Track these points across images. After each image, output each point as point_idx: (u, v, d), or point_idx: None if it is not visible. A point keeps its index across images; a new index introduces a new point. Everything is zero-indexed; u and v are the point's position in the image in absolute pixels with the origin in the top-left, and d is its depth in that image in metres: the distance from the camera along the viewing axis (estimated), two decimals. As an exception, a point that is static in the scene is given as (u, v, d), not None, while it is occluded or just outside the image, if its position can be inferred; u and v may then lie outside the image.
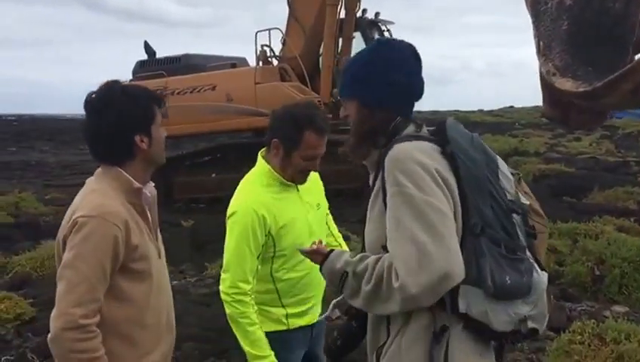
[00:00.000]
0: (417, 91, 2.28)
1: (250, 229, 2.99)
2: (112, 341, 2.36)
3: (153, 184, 2.60)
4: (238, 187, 3.18)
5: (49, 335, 2.28)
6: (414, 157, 2.06)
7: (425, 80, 2.32)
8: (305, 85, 12.71)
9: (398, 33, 14.05)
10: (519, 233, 2.13)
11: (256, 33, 13.21)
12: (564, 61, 4.31)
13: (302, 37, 13.05)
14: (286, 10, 13.28)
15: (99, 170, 2.52)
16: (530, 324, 2.07)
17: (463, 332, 2.04)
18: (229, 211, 3.06)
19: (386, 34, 13.83)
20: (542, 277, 2.13)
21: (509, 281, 2.02)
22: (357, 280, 2.11)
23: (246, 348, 2.96)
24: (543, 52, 4.76)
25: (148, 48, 14.71)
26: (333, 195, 12.42)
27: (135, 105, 2.46)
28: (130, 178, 2.45)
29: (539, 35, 5.42)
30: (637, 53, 6.27)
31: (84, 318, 2.25)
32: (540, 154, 19.66)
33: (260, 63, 13.30)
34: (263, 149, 3.25)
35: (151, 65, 14.40)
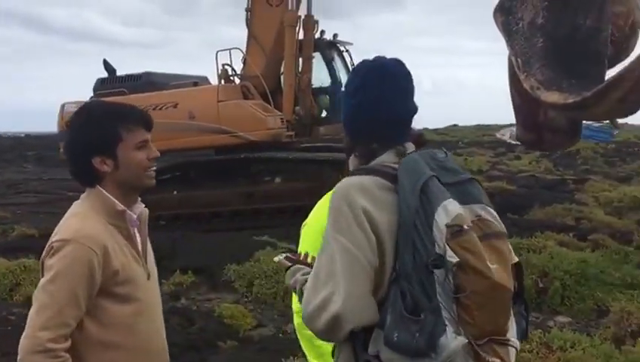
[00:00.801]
0: (396, 114, 2.20)
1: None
2: None
3: (143, 205, 2.51)
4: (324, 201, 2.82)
5: (18, 357, 2.24)
6: (347, 193, 2.05)
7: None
8: (268, 103, 12.90)
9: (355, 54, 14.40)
10: (439, 291, 1.94)
11: (217, 53, 13.43)
12: (545, 75, 4.78)
13: (262, 56, 13.27)
14: (240, 31, 13.54)
15: (84, 193, 2.45)
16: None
17: None
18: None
19: (345, 55, 14.25)
20: (453, 341, 1.90)
21: (395, 338, 1.95)
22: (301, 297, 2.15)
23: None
24: (523, 69, 5.24)
25: (107, 66, 14.55)
26: (294, 211, 12.58)
27: (91, 127, 2.37)
28: (114, 200, 2.37)
29: (515, 53, 6.06)
30: (613, 66, 6.87)
31: (51, 342, 2.19)
32: (483, 173, 20.43)
33: (222, 82, 13.46)
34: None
35: (111, 82, 14.25)
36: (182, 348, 5.74)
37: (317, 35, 13.58)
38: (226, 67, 13.43)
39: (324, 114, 14.08)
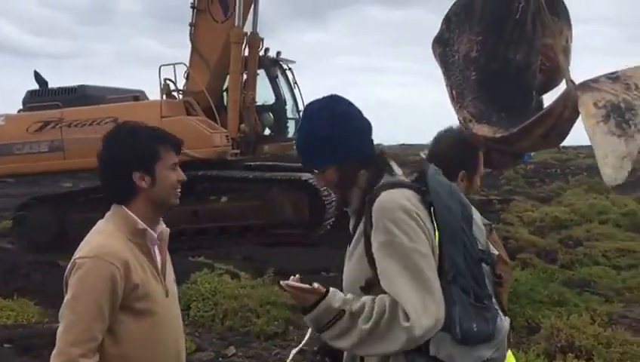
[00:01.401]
0: (365, 128, 2.40)
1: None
2: None
3: (164, 225, 2.62)
4: None
5: None
6: (401, 204, 2.17)
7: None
8: (212, 119, 12.74)
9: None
10: (487, 281, 2.26)
11: (160, 67, 13.14)
12: (477, 108, 4.82)
13: (206, 72, 13.13)
14: (157, 43, 13.69)
15: (109, 211, 2.54)
16: None
17: None
18: None
19: (288, 72, 14.32)
20: (504, 323, 2.29)
21: (475, 329, 2.15)
22: (353, 319, 2.15)
23: None
24: (457, 100, 5.27)
25: (39, 78, 13.91)
26: (241, 231, 12.35)
27: (134, 142, 2.49)
28: (136, 218, 2.47)
29: (451, 85, 6.20)
30: (545, 93, 7.08)
31: (83, 357, 2.28)
32: (411, 194, 20.57)
33: (164, 97, 13.17)
34: None
35: (43, 95, 13.66)
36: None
37: (261, 53, 13.60)
38: (168, 82, 13.14)
39: (267, 132, 14.03)
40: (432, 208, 2.20)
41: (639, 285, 8.12)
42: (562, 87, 5.93)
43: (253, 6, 13.29)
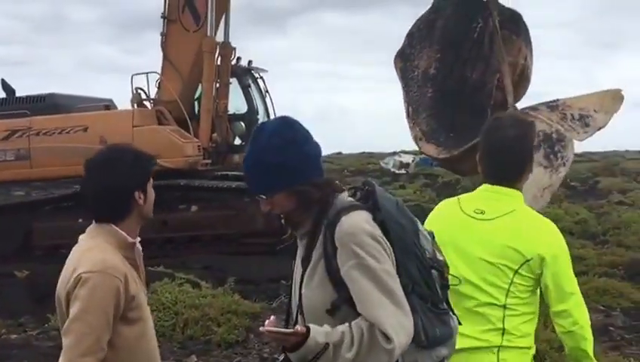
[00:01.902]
0: (318, 152, 2.39)
1: None
2: None
3: (139, 239, 2.73)
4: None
5: None
6: (365, 229, 2.21)
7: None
8: (184, 129, 12.68)
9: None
10: (437, 287, 2.35)
11: (132, 76, 13.07)
12: (429, 126, 5.21)
13: (179, 81, 13.04)
14: (114, 51, 13.49)
15: (91, 227, 2.64)
16: None
17: None
18: None
19: (260, 81, 14.33)
20: (455, 322, 2.41)
21: (438, 333, 2.28)
22: (336, 350, 2.15)
23: None
24: (412, 117, 5.70)
25: (5, 86, 13.67)
26: (211, 240, 12.11)
27: (138, 164, 2.65)
28: (125, 234, 2.60)
29: (408, 101, 6.62)
30: (505, 110, 7.41)
31: None
32: (369, 202, 20.61)
33: (135, 106, 13.09)
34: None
35: (11, 103, 13.41)
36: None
37: (233, 62, 13.59)
38: (139, 91, 13.08)
39: (237, 141, 13.96)
40: (384, 225, 2.26)
41: (590, 291, 8.27)
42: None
43: (224, 15, 13.28)
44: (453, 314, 2.42)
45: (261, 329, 2.25)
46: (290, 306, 2.45)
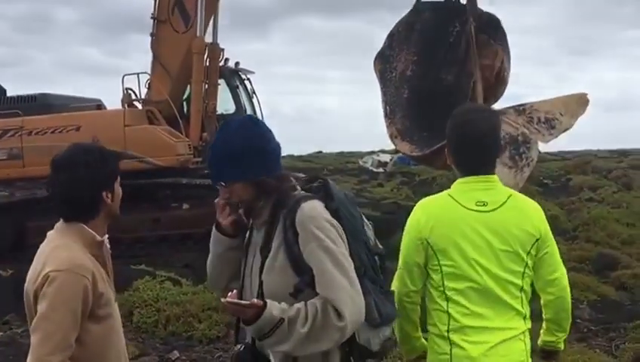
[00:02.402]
0: (278, 149, 2.59)
1: None
2: None
3: (107, 237, 2.77)
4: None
5: None
6: (323, 215, 2.41)
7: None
8: (175, 128, 12.80)
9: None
10: (379, 271, 2.61)
11: (124, 76, 13.19)
12: (404, 126, 5.47)
13: (168, 81, 13.17)
14: (97, 52, 13.42)
15: (60, 225, 2.66)
16: (387, 344, 2.60)
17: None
18: None
19: (247, 82, 14.50)
20: (395, 306, 2.65)
21: (389, 311, 2.53)
22: (291, 325, 2.30)
23: None
24: (389, 116, 5.97)
25: None
26: (203, 237, 12.10)
27: (105, 164, 2.67)
28: (93, 232, 2.63)
29: (386, 101, 6.91)
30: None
31: None
32: (348, 199, 20.70)
33: (125, 106, 13.19)
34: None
35: (2, 103, 13.45)
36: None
37: (221, 63, 13.71)
38: (129, 91, 13.16)
39: None
40: (337, 213, 2.45)
41: None
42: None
43: (213, 17, 13.39)
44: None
45: (222, 300, 2.38)
46: (242, 293, 2.58)
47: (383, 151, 38.15)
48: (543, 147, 7.78)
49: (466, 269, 2.78)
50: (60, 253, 2.53)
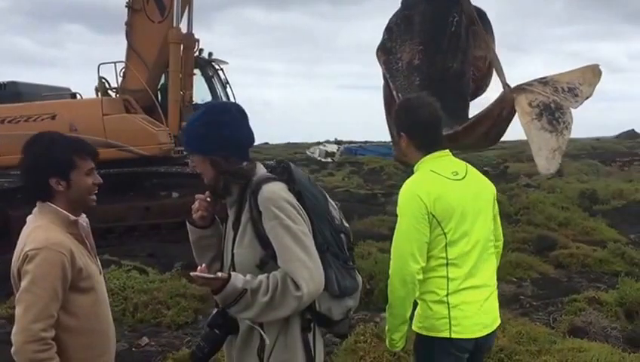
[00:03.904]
0: (246, 141, 2.76)
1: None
2: (73, 346, 2.70)
3: (85, 215, 2.90)
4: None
5: (12, 349, 2.57)
6: (282, 196, 2.58)
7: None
8: (152, 117, 12.57)
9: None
10: (345, 248, 2.78)
11: (99, 65, 12.87)
12: None
13: (144, 70, 12.89)
14: (29, 41, 13.24)
15: (36, 208, 2.79)
16: (350, 314, 2.80)
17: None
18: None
19: (220, 72, 14.37)
20: (360, 278, 2.84)
21: (349, 285, 2.71)
22: (253, 295, 2.51)
23: None
24: None
25: None
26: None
27: (52, 152, 2.72)
28: (66, 213, 2.74)
29: (396, 89, 7.26)
30: (473, 99, 7.98)
31: (43, 331, 2.55)
32: (301, 188, 20.76)
33: (99, 95, 12.90)
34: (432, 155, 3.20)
35: None
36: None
37: (196, 53, 13.57)
38: (103, 80, 12.87)
39: None
40: (300, 195, 2.63)
41: (505, 265, 8.63)
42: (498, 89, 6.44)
43: (188, 7, 13.22)
44: (358, 272, 2.87)
45: (192, 274, 2.58)
46: (222, 266, 2.80)
47: (329, 142, 38.48)
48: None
49: (463, 232, 3.05)
50: (39, 233, 2.66)
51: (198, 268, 2.61)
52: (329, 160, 32.96)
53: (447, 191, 3.07)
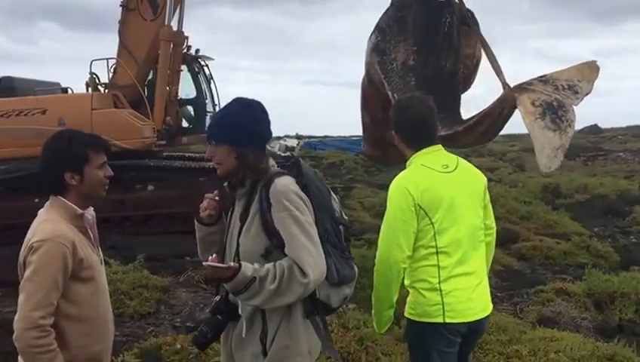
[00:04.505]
0: (269, 137, 2.92)
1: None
2: (72, 333, 2.79)
3: (92, 208, 3.01)
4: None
5: (14, 335, 2.68)
6: (293, 189, 2.70)
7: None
8: (139, 112, 12.72)
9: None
10: (343, 239, 2.89)
11: (92, 62, 12.98)
12: None
13: (134, 67, 13.03)
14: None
15: (48, 201, 2.91)
16: (346, 301, 2.92)
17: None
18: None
19: (205, 68, 14.47)
20: (356, 269, 2.92)
21: (347, 273, 2.81)
22: (261, 283, 2.61)
23: None
24: None
25: None
26: (166, 218, 11.97)
27: (68, 147, 2.86)
28: (74, 206, 2.86)
29: (392, 90, 7.10)
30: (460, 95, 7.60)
31: (42, 319, 2.65)
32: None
33: (89, 90, 13.00)
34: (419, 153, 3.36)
35: None
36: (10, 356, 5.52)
37: (184, 50, 13.69)
38: (94, 76, 13.00)
39: (185, 124, 14.20)
40: (306, 189, 2.75)
41: None
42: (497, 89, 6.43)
43: (179, 5, 13.36)
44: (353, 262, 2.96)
45: (204, 263, 2.68)
46: (224, 255, 2.87)
47: (289, 137, 38.42)
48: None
49: (452, 221, 3.18)
50: (45, 226, 2.77)
51: (209, 258, 2.69)
52: (288, 154, 32.92)
53: (436, 183, 3.22)
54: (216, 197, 2.95)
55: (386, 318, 3.35)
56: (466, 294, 3.20)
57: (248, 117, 2.80)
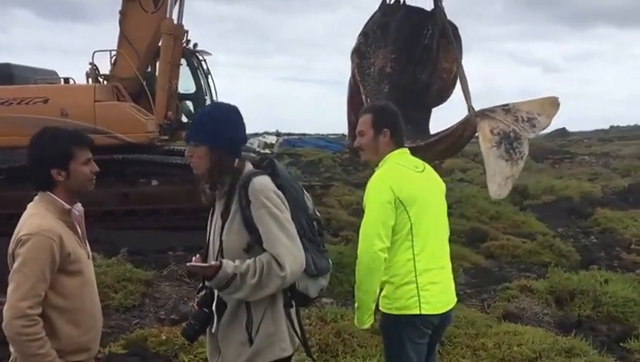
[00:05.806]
0: (244, 141, 3.00)
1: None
2: (61, 324, 2.83)
3: (80, 204, 3.03)
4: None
5: (3, 324, 2.72)
6: (270, 187, 2.78)
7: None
8: (142, 105, 12.53)
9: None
10: (317, 233, 2.99)
11: (94, 53, 12.74)
12: None
13: (135, 59, 12.78)
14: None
15: (37, 196, 2.94)
16: (322, 292, 3.01)
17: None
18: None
19: (203, 63, 14.33)
20: (330, 261, 3.03)
21: (324, 265, 2.92)
22: (242, 278, 2.70)
23: None
24: None
25: None
26: (169, 214, 11.83)
27: (53, 145, 2.87)
28: (62, 201, 2.88)
29: (366, 93, 7.40)
30: (435, 106, 8.03)
31: (29, 309, 2.68)
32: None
33: (90, 81, 12.74)
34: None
35: None
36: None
37: (184, 44, 13.50)
38: (94, 67, 12.75)
39: (184, 119, 13.94)
40: (282, 188, 2.85)
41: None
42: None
43: None
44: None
45: (187, 264, 2.84)
46: (208, 252, 2.97)
47: (268, 133, 38.36)
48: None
49: (425, 217, 3.35)
50: (33, 220, 2.81)
51: (193, 258, 2.85)
52: (268, 151, 32.91)
53: (412, 181, 3.39)
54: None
55: (369, 312, 3.41)
56: (439, 288, 3.36)
57: (226, 121, 2.89)
